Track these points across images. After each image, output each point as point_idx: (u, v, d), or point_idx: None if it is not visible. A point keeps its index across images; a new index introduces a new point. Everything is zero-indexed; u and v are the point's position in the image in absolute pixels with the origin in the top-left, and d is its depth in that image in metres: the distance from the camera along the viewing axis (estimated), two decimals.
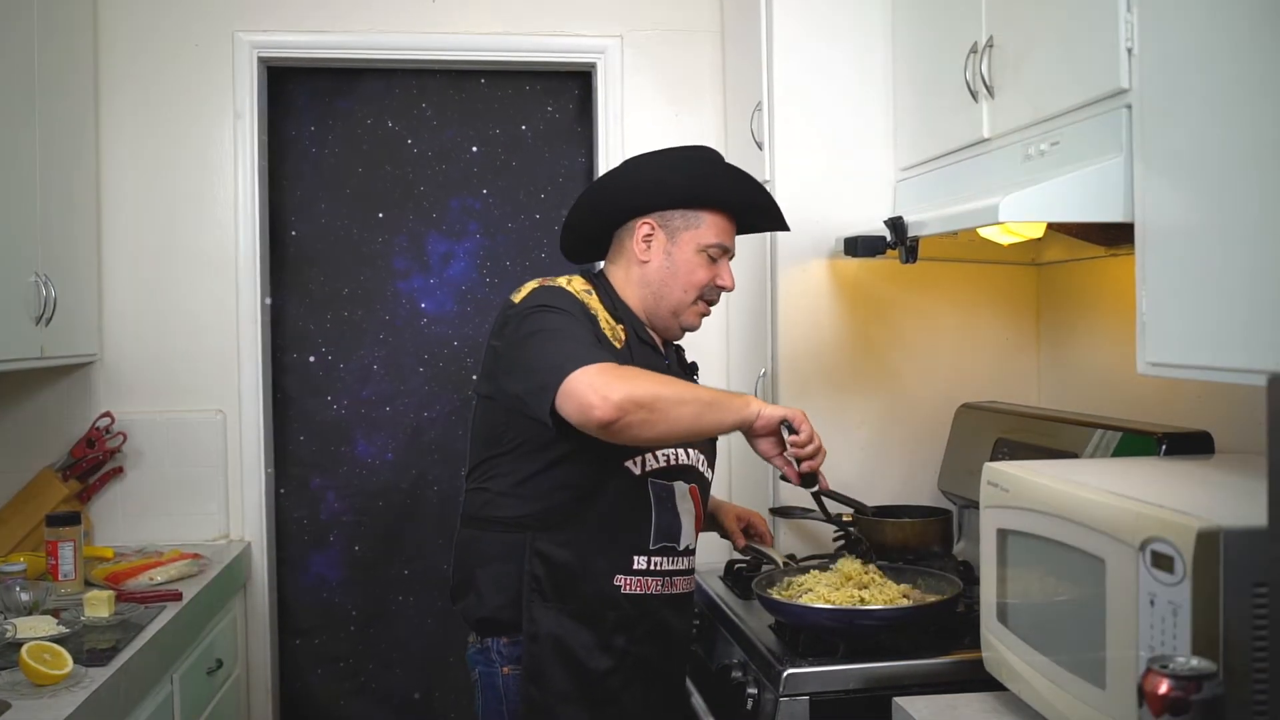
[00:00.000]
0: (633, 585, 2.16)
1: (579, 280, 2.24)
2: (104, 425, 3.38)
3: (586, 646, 2.13)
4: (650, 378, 1.95)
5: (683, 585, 2.26)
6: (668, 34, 3.64)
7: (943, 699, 1.93)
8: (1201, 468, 1.92)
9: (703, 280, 2.22)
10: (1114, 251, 2.48)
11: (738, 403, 2.02)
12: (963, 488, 2.77)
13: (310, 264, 3.70)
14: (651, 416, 1.89)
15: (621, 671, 2.16)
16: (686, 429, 1.97)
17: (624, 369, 1.93)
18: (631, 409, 1.86)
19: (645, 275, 2.23)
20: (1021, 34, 2.21)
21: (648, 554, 2.18)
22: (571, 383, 1.88)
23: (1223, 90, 1.58)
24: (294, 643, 3.71)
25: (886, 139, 2.91)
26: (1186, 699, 1.22)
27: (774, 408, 2.04)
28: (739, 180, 2.24)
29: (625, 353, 2.15)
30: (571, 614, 2.13)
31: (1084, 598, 1.61)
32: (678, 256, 2.21)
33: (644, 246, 2.22)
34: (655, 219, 2.22)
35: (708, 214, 2.22)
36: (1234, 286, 1.56)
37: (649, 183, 2.22)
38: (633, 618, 2.16)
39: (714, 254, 2.23)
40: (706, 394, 2.02)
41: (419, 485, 3.74)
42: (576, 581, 2.13)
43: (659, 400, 1.89)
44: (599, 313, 2.17)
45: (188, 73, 3.48)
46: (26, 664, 2.10)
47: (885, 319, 2.97)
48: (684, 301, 2.23)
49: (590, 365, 1.89)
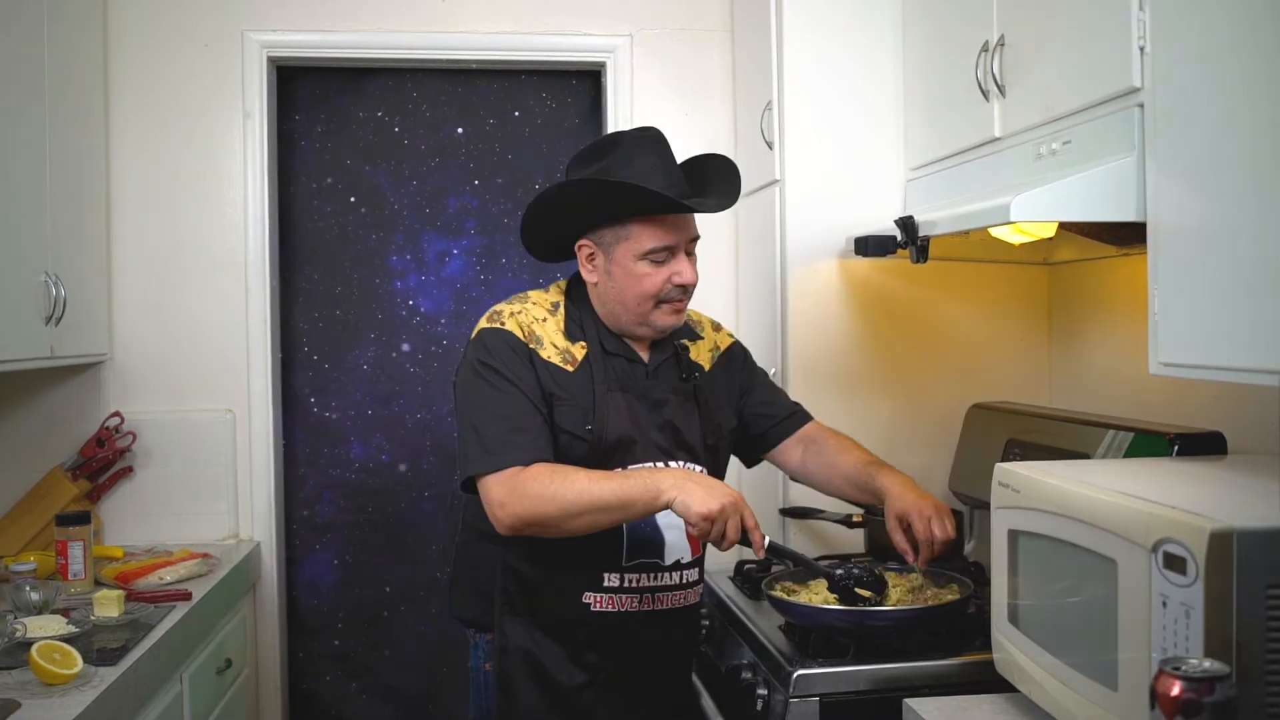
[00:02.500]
0: (603, 603, 2.14)
1: (555, 289, 2.24)
2: (114, 425, 3.38)
3: (556, 660, 2.13)
4: (546, 489, 1.95)
5: (673, 601, 2.21)
6: (677, 33, 3.64)
7: (953, 700, 1.92)
8: (1214, 468, 1.91)
9: (651, 288, 2.11)
10: (1126, 251, 2.47)
11: (646, 496, 1.95)
12: (974, 488, 2.76)
13: (316, 263, 3.70)
14: (546, 530, 2.00)
15: (595, 686, 2.15)
16: (590, 530, 2.00)
17: (530, 479, 1.97)
18: (524, 527, 1.99)
19: (598, 294, 2.18)
20: (1033, 32, 2.20)
21: (620, 571, 2.14)
22: (483, 487, 2.02)
23: (1235, 89, 1.57)
24: (303, 642, 3.71)
25: (897, 138, 2.91)
26: (1199, 701, 1.21)
27: (689, 500, 1.92)
28: (646, 188, 2.05)
29: (579, 375, 2.12)
30: (541, 628, 2.13)
31: (1096, 599, 1.60)
32: (617, 272, 2.12)
33: (589, 268, 2.17)
34: (590, 239, 2.15)
35: (634, 224, 2.10)
36: (1247, 286, 1.55)
37: (563, 213, 2.15)
38: (605, 634, 2.14)
39: (657, 258, 2.11)
40: (608, 493, 1.95)
41: (422, 485, 3.74)
42: (545, 598, 2.13)
43: (548, 518, 1.96)
44: (545, 340, 2.13)
45: (197, 72, 3.48)
46: (36, 663, 2.10)
47: (896, 319, 2.96)
48: (642, 311, 2.14)
49: (499, 473, 1.99)
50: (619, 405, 2.13)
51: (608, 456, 2.10)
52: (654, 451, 2.15)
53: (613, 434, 2.10)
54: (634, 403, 2.16)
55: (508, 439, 2.01)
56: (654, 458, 2.15)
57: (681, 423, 2.21)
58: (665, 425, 2.18)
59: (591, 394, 2.11)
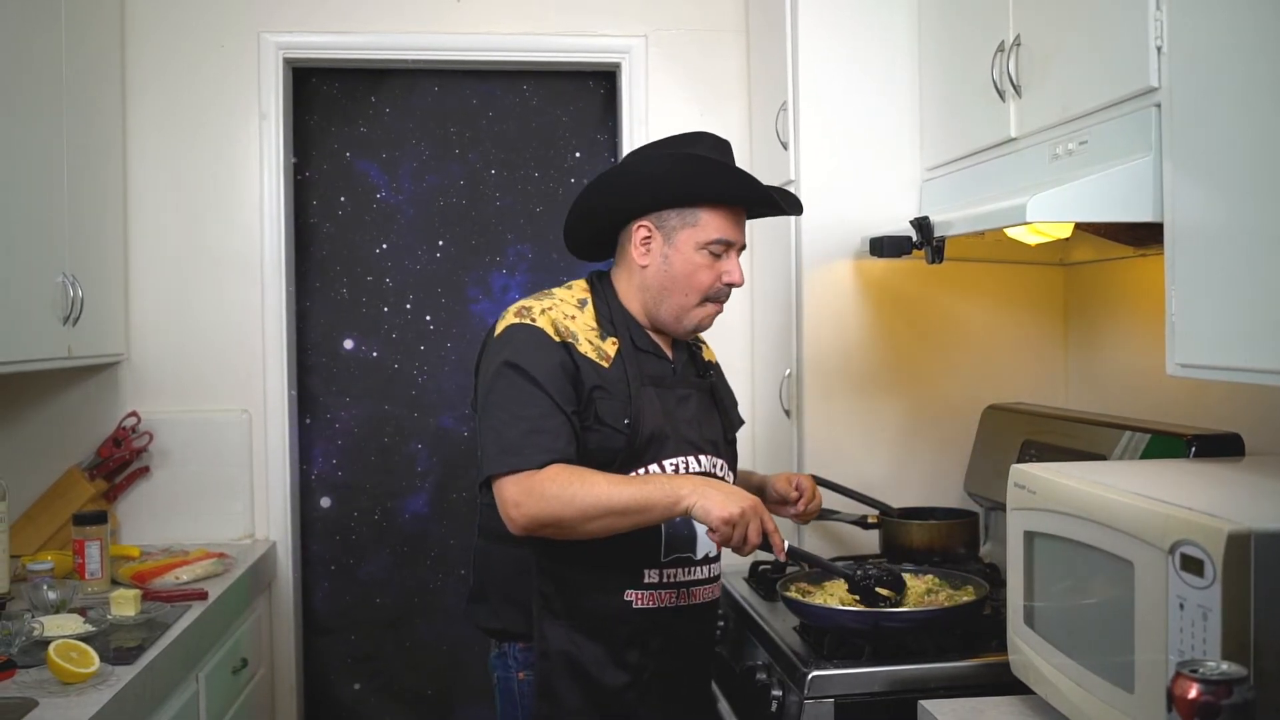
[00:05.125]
0: (644, 600, 2.14)
1: (579, 286, 2.24)
2: (130, 425, 3.40)
3: (599, 662, 2.11)
4: (563, 491, 1.95)
5: (703, 595, 2.22)
6: (692, 34, 3.63)
7: (969, 702, 1.92)
8: (1232, 470, 1.90)
9: (705, 282, 2.15)
10: (1142, 252, 2.46)
11: (666, 501, 1.96)
12: (989, 489, 2.75)
13: (332, 263, 3.71)
14: (560, 532, 2.00)
15: (637, 686, 2.14)
16: (605, 534, 2.00)
17: (547, 480, 1.96)
18: (537, 528, 1.98)
19: (644, 280, 2.19)
20: (1049, 32, 2.19)
21: (659, 567, 2.15)
22: (498, 487, 2.01)
23: (1253, 88, 1.57)
24: (319, 642, 3.72)
25: (912, 139, 2.90)
26: (1217, 704, 1.21)
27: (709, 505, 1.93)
28: (732, 173, 2.16)
29: (615, 369, 2.12)
30: (582, 630, 2.12)
31: (1112, 601, 1.59)
32: (675, 258, 2.15)
33: (642, 250, 2.18)
34: (651, 220, 2.16)
35: (704, 210, 2.14)
36: (1265, 287, 1.54)
37: (639, 184, 2.16)
38: (646, 631, 2.14)
39: (716, 250, 2.14)
40: (627, 497, 1.95)
41: (441, 487, 3.75)
42: (586, 598, 2.12)
43: (564, 520, 1.96)
44: (580, 336, 2.13)
45: (214, 74, 3.50)
46: (54, 662, 2.11)
47: (911, 320, 2.96)
48: (686, 304, 2.17)
49: (518, 474, 1.98)
50: (652, 400, 2.15)
51: (643, 450, 2.11)
52: (685, 446, 2.17)
53: (648, 428, 2.11)
54: (665, 397, 2.18)
55: (527, 439, 2.01)
56: (685, 452, 2.16)
57: (704, 418, 2.25)
58: (692, 420, 2.21)
59: (628, 388, 2.12)
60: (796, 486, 2.42)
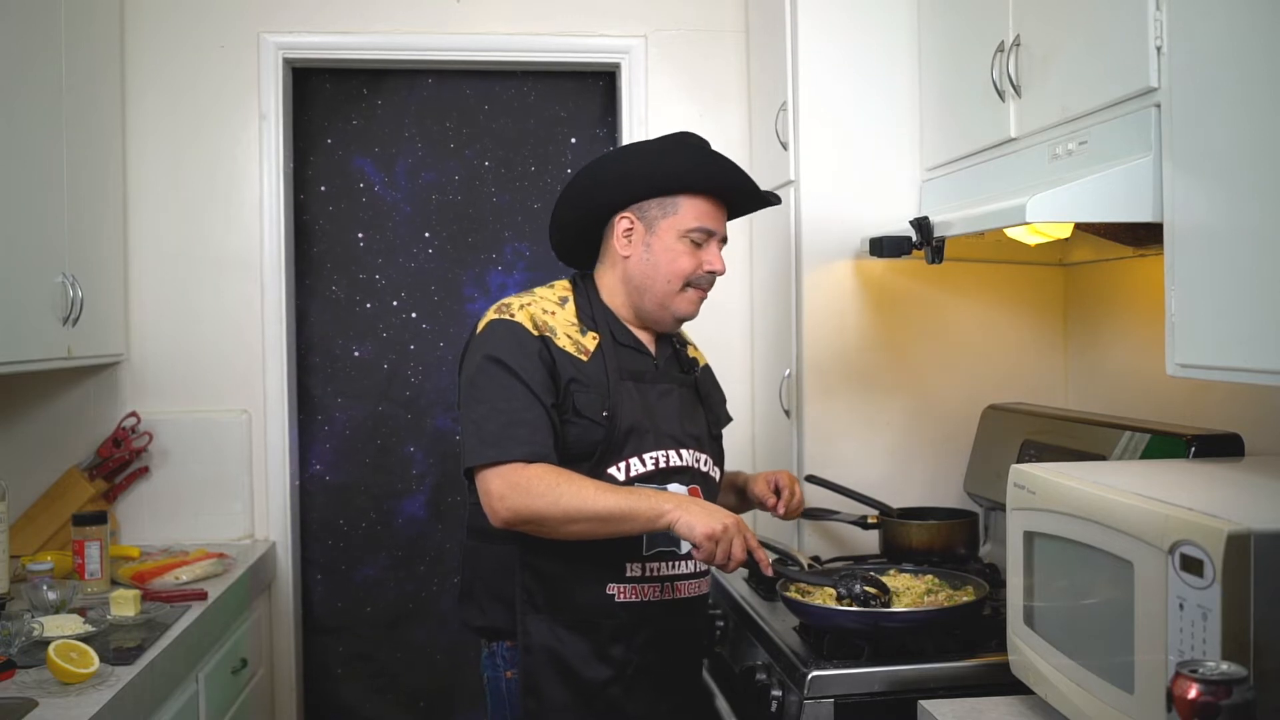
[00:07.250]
0: (627, 593, 2.14)
1: (560, 285, 2.26)
2: (130, 425, 3.40)
3: (582, 656, 2.12)
4: (550, 490, 1.96)
5: (689, 590, 2.22)
6: (692, 34, 3.63)
7: (968, 702, 1.92)
8: (1231, 470, 1.90)
9: (686, 268, 2.18)
10: (1142, 252, 2.46)
11: (649, 514, 1.97)
12: (989, 490, 2.75)
13: (332, 264, 3.71)
14: (540, 530, 2.02)
15: (622, 681, 2.14)
16: (583, 538, 2.02)
17: (534, 477, 1.98)
18: (519, 523, 2.00)
19: (627, 271, 2.22)
20: (1049, 33, 2.20)
21: (642, 560, 2.15)
22: (481, 479, 2.03)
23: (1253, 88, 1.57)
24: (319, 643, 3.72)
25: (912, 139, 2.90)
26: (1216, 704, 1.21)
27: (692, 520, 1.95)
28: (711, 161, 2.20)
29: (593, 363, 2.14)
30: (566, 624, 2.12)
31: (1112, 601, 1.59)
32: (657, 247, 2.18)
33: (624, 241, 2.21)
34: (633, 212, 2.20)
35: (684, 199, 2.18)
36: (1266, 287, 1.54)
37: (620, 175, 2.21)
38: (631, 626, 2.14)
39: (697, 239, 2.18)
40: (612, 505, 1.96)
41: (439, 488, 3.75)
42: (569, 592, 2.13)
43: (546, 518, 1.97)
44: (558, 330, 2.15)
45: (213, 74, 3.50)
46: (53, 662, 2.11)
47: (911, 320, 2.96)
48: (669, 292, 2.20)
49: (500, 467, 2.00)
50: (631, 394, 2.16)
51: (623, 444, 2.12)
52: (665, 440, 2.18)
53: (627, 421, 2.12)
54: (645, 391, 2.19)
55: (507, 432, 2.03)
56: (665, 446, 2.17)
57: (688, 414, 2.26)
58: (673, 415, 2.22)
59: (606, 381, 2.13)
60: (775, 488, 2.43)
